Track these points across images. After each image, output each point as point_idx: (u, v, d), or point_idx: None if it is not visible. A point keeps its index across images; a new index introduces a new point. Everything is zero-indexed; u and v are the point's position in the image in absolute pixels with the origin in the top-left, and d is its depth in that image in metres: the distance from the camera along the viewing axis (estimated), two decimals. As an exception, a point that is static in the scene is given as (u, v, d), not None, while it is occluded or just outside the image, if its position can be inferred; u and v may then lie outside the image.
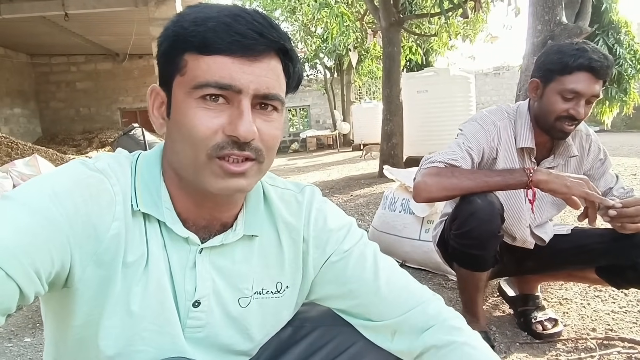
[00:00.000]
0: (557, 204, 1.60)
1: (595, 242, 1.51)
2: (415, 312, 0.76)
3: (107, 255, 0.62)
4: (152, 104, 0.67)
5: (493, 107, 1.58)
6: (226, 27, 0.59)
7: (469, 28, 8.15)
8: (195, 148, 0.61)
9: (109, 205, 0.62)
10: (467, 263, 1.49)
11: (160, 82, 0.66)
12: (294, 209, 0.78)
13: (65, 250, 0.58)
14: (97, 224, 0.61)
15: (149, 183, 0.67)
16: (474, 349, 0.73)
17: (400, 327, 0.77)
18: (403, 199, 2.46)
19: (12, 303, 0.55)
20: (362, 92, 17.03)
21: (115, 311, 0.64)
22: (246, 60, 0.59)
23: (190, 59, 0.60)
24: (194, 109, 0.60)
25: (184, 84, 0.61)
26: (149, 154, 0.71)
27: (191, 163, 0.63)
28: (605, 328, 1.67)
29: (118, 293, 0.64)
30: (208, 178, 0.62)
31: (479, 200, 1.38)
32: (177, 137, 0.63)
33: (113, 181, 0.64)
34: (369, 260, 0.79)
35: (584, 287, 2.00)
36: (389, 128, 6.17)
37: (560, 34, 2.52)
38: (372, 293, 0.77)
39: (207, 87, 0.59)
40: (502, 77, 16.70)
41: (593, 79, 1.34)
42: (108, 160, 0.67)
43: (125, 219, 0.63)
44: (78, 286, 0.61)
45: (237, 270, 0.72)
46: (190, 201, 0.68)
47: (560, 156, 1.52)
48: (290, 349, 0.82)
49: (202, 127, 0.60)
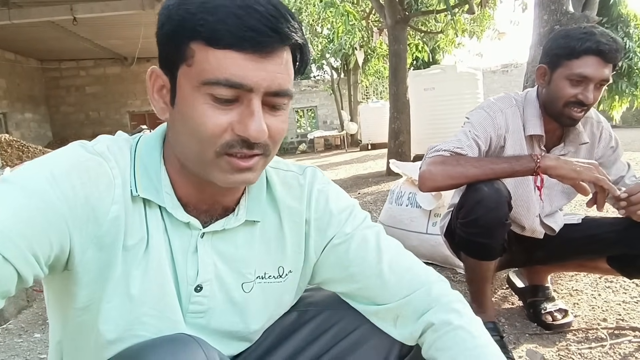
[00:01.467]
0: (567, 193, 1.58)
1: (606, 231, 1.48)
2: (418, 294, 0.75)
3: (107, 238, 0.62)
4: (151, 87, 0.64)
5: (501, 95, 1.56)
6: (238, 20, 0.55)
7: (475, 25, 8.10)
8: (203, 144, 0.60)
9: (108, 188, 0.62)
10: (474, 252, 1.47)
11: (161, 65, 0.63)
12: (296, 192, 0.77)
13: (63, 233, 0.58)
14: (96, 206, 0.60)
15: (148, 167, 0.66)
16: (468, 333, 0.70)
17: (402, 310, 0.75)
18: (410, 193, 2.44)
19: (10, 286, 0.55)
20: (369, 92, 17.00)
21: (115, 294, 0.64)
22: (258, 57, 0.57)
23: (198, 49, 0.57)
24: (202, 104, 0.58)
25: (191, 76, 0.58)
26: (150, 138, 0.69)
27: (198, 157, 0.62)
28: (616, 318, 1.64)
29: (118, 276, 0.63)
30: (215, 173, 0.62)
31: (486, 188, 1.36)
32: (182, 130, 0.61)
33: (112, 164, 0.63)
34: (372, 242, 0.77)
35: (594, 278, 1.97)
36: (396, 126, 6.15)
37: (567, 23, 2.48)
38: (375, 276, 0.76)
39: (218, 85, 0.57)
40: (510, 75, 16.57)
41: (602, 62, 1.31)
42: (107, 143, 0.66)
43: (124, 202, 0.63)
44: (78, 269, 0.61)
45: (240, 255, 0.72)
46: (191, 186, 0.67)
47: (570, 143, 1.50)
48: (294, 333, 0.81)
49: (211, 125, 0.58)
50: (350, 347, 0.78)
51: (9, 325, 2.03)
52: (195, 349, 0.61)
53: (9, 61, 9.78)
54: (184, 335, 0.65)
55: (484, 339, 0.70)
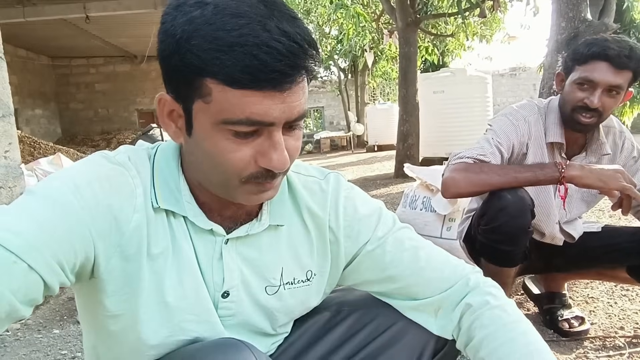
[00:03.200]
0: (586, 201, 1.58)
1: (626, 240, 1.49)
2: (458, 286, 0.77)
3: (130, 248, 0.63)
4: (161, 111, 0.63)
5: (524, 102, 1.57)
6: (257, 61, 0.53)
7: (485, 28, 8.09)
8: (227, 175, 0.61)
9: (129, 197, 0.63)
10: (496, 259, 1.47)
11: (172, 93, 0.61)
12: (318, 198, 0.77)
13: (87, 241, 0.59)
14: (118, 215, 0.61)
15: (167, 178, 0.67)
16: (505, 312, 0.73)
17: (443, 302, 0.77)
18: (424, 197, 2.45)
19: (37, 294, 0.56)
20: (376, 94, 17.00)
21: (149, 303, 0.65)
22: (277, 93, 0.55)
23: (215, 88, 0.55)
24: (224, 141, 0.58)
25: (209, 113, 0.57)
26: (167, 148, 0.70)
27: (222, 184, 0.63)
28: (633, 327, 1.65)
29: (149, 286, 0.65)
30: (240, 196, 0.64)
31: (509, 196, 1.36)
32: (203, 160, 0.62)
33: (133, 173, 0.65)
34: (406, 243, 0.78)
35: (610, 286, 1.97)
36: (405, 128, 6.16)
37: (585, 30, 2.49)
38: (415, 274, 0.77)
39: (239, 124, 0.56)
40: (518, 78, 16.54)
41: (610, 67, 1.31)
42: (128, 153, 0.68)
43: (146, 211, 0.64)
44: (104, 277, 0.62)
45: (264, 260, 0.73)
46: (213, 197, 0.68)
47: (592, 154, 1.50)
48: (328, 333, 0.82)
49: (235, 161, 0.59)
50: (385, 344, 0.79)
51: (28, 321, 2.05)
52: (246, 353, 0.63)
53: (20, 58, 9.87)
54: (234, 340, 0.66)
55: (518, 316, 0.73)
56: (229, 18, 0.54)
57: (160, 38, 0.59)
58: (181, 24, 0.55)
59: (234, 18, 0.54)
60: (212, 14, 0.54)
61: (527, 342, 0.70)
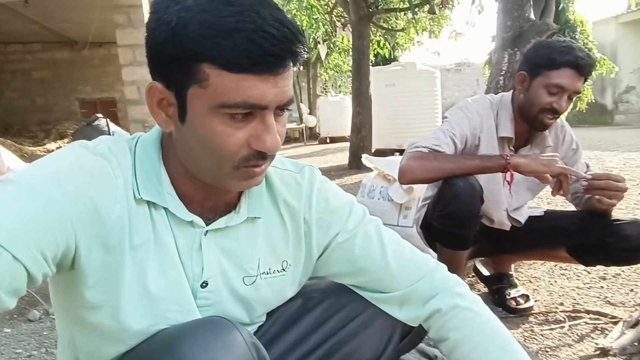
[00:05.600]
0: (532, 190, 1.71)
1: (566, 223, 1.63)
2: (423, 282, 0.82)
3: (112, 239, 0.63)
4: (151, 100, 0.64)
5: (478, 97, 1.67)
6: (254, 45, 0.55)
7: (434, 24, 8.35)
8: (222, 160, 0.63)
9: (111, 188, 0.63)
10: (449, 242, 1.57)
11: (162, 81, 0.62)
12: (294, 191, 0.80)
13: (69, 231, 0.59)
14: (100, 206, 0.62)
15: (148, 170, 0.68)
16: (475, 313, 0.79)
17: (408, 297, 0.82)
18: (381, 187, 2.54)
19: (21, 285, 0.56)
20: (328, 86, 17.09)
21: (132, 294, 0.66)
22: (273, 77, 0.58)
23: (212, 73, 0.57)
24: (219, 125, 0.60)
25: (206, 98, 0.59)
26: (146, 139, 0.71)
27: (215, 171, 0.65)
28: (572, 302, 1.81)
29: (130, 276, 0.65)
30: (231, 182, 0.66)
31: (461, 183, 1.46)
32: (196, 146, 0.63)
33: (114, 165, 0.65)
34: (375, 237, 0.82)
35: (551, 266, 2.14)
36: (359, 121, 6.27)
37: (529, 30, 2.66)
38: (382, 269, 0.81)
39: (236, 107, 0.58)
40: (463, 73, 17.16)
41: (577, 75, 1.44)
42: (109, 144, 0.68)
43: (127, 202, 0.65)
44: (84, 268, 0.62)
45: (242, 251, 0.75)
46: (194, 187, 0.70)
47: (536, 146, 1.62)
48: (301, 319, 0.85)
49: (230, 144, 0.61)
50: (356, 329, 0.84)
51: (-26, 322, 1.95)
52: (232, 329, 0.65)
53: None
54: (219, 317, 0.68)
55: (487, 316, 0.79)
56: (223, 6, 0.56)
57: (151, 26, 0.60)
58: (176, 12, 0.57)
59: (228, 6, 0.56)
60: (207, 2, 0.57)
61: (501, 342, 0.76)
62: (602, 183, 1.39)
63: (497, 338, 0.76)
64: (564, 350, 1.48)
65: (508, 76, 2.73)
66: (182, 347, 0.62)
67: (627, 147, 5.75)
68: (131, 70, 5.61)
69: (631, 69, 11.74)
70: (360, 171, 5.68)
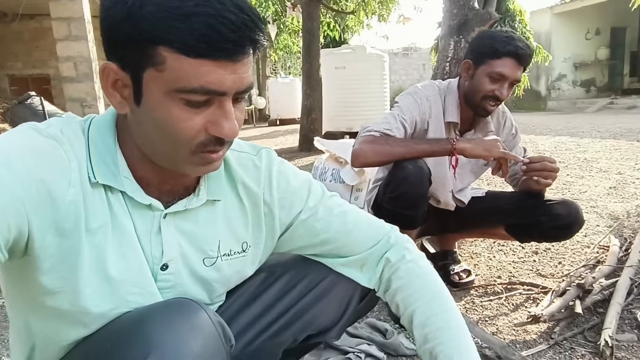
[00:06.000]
0: (475, 172, 1.82)
1: (505, 203, 1.76)
2: (380, 243, 0.88)
3: (67, 223, 0.62)
4: (105, 81, 0.62)
5: (427, 82, 1.74)
6: (212, 30, 0.55)
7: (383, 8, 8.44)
8: (178, 145, 0.62)
9: (64, 172, 0.62)
10: (399, 222, 1.60)
11: (117, 61, 0.60)
12: (252, 174, 0.81)
13: (21, 216, 0.57)
14: (53, 190, 0.60)
15: (103, 153, 0.66)
16: (418, 265, 0.87)
17: (368, 258, 0.88)
18: (333, 169, 2.59)
19: None
20: (278, 67, 16.89)
21: (91, 278, 0.65)
22: (232, 64, 0.58)
23: (170, 57, 0.56)
24: (176, 109, 0.59)
25: (162, 82, 0.58)
26: (100, 121, 0.69)
27: (170, 155, 0.64)
28: (508, 275, 1.96)
29: (89, 260, 0.64)
30: (188, 167, 0.66)
31: (410, 166, 1.53)
32: (152, 130, 0.62)
33: (66, 147, 0.63)
34: (335, 210, 0.87)
35: (490, 243, 2.30)
36: (309, 103, 6.29)
37: (473, 18, 2.78)
38: (343, 237, 0.86)
39: (194, 93, 0.58)
40: (410, 58, 17.51)
41: (517, 65, 1.53)
42: (60, 126, 0.65)
43: (82, 186, 0.63)
44: (39, 253, 0.61)
45: (202, 233, 0.76)
46: (152, 170, 0.69)
47: (480, 131, 1.72)
48: (263, 293, 0.88)
49: (187, 129, 0.60)
50: (316, 297, 0.89)
51: None
52: (198, 309, 0.66)
53: None
54: (184, 299, 0.69)
55: (427, 268, 0.87)
56: None
57: (106, 4, 0.58)
58: None
59: None
60: None
61: (435, 290, 0.84)
62: (538, 165, 1.51)
63: (432, 286, 0.84)
64: (501, 319, 1.62)
65: (454, 63, 2.85)
66: (149, 328, 0.62)
67: (558, 131, 6.18)
68: (67, 45, 5.26)
69: (563, 57, 12.50)
70: (310, 153, 5.72)
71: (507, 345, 1.34)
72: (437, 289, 0.84)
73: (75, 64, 5.29)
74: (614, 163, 3.76)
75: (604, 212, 2.56)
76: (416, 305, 0.82)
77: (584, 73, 12.93)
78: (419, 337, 0.80)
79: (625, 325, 1.50)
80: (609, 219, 2.44)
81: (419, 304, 0.82)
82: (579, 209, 1.63)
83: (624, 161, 3.82)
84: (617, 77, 12.99)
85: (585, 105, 11.59)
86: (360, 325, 1.52)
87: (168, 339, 0.61)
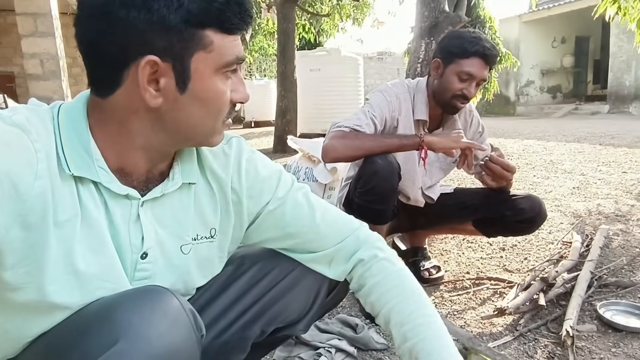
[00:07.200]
0: (443, 169, 1.86)
1: (472, 199, 1.80)
2: (349, 239, 0.88)
3: (33, 216, 0.59)
4: (142, 77, 0.62)
5: (397, 81, 1.77)
6: (242, 9, 0.65)
7: (358, 12, 8.53)
8: (218, 118, 0.70)
9: (30, 163, 0.59)
10: (370, 217, 1.61)
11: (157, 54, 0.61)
12: (221, 161, 0.81)
13: None
14: (18, 182, 0.57)
15: (76, 142, 0.64)
16: (390, 263, 0.87)
17: (336, 254, 0.88)
18: (306, 168, 2.60)
19: None
20: (253, 69, 16.82)
21: (58, 272, 0.62)
22: (240, 35, 0.68)
23: (216, 37, 0.64)
24: (220, 84, 0.67)
25: (211, 61, 0.65)
26: (71, 109, 0.67)
27: (209, 131, 0.71)
28: (476, 271, 2.00)
29: (56, 254, 0.62)
30: (217, 137, 0.73)
31: (380, 161, 1.56)
32: (196, 112, 0.67)
33: (33, 137, 0.60)
34: (304, 202, 0.87)
35: (459, 240, 2.34)
36: (284, 104, 6.27)
37: (444, 20, 2.84)
38: (312, 231, 0.86)
39: (232, 64, 0.67)
40: (384, 62, 17.70)
41: (484, 65, 1.57)
42: (26, 114, 0.62)
43: (50, 178, 0.60)
44: (2, 248, 0.58)
45: (178, 219, 0.75)
46: (129, 157, 0.68)
47: (448, 129, 1.76)
48: (232, 285, 0.88)
49: (227, 100, 0.69)
50: (284, 289, 0.88)
51: None
52: (169, 296, 0.65)
53: None
54: (156, 286, 0.67)
55: (401, 266, 0.88)
56: None
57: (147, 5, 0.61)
58: None
59: None
60: None
61: (411, 288, 0.84)
62: (493, 167, 1.57)
63: (407, 284, 0.85)
64: (469, 313, 1.65)
65: (425, 64, 2.90)
66: (118, 314, 0.60)
67: (526, 135, 6.37)
68: (32, 42, 5.08)
69: (531, 64, 12.89)
70: (285, 155, 5.71)
71: (473, 337, 1.37)
72: (412, 287, 0.84)
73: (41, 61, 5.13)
74: (577, 165, 3.90)
75: (567, 210, 2.65)
76: (393, 304, 0.82)
77: (550, 79, 13.36)
78: (398, 336, 0.80)
79: (585, 316, 1.56)
80: (572, 217, 2.52)
81: (395, 302, 0.82)
82: (542, 203, 1.69)
83: (587, 163, 3.96)
84: (582, 84, 13.49)
85: (552, 111, 11.97)
86: (331, 320, 1.53)
87: (138, 324, 0.59)
